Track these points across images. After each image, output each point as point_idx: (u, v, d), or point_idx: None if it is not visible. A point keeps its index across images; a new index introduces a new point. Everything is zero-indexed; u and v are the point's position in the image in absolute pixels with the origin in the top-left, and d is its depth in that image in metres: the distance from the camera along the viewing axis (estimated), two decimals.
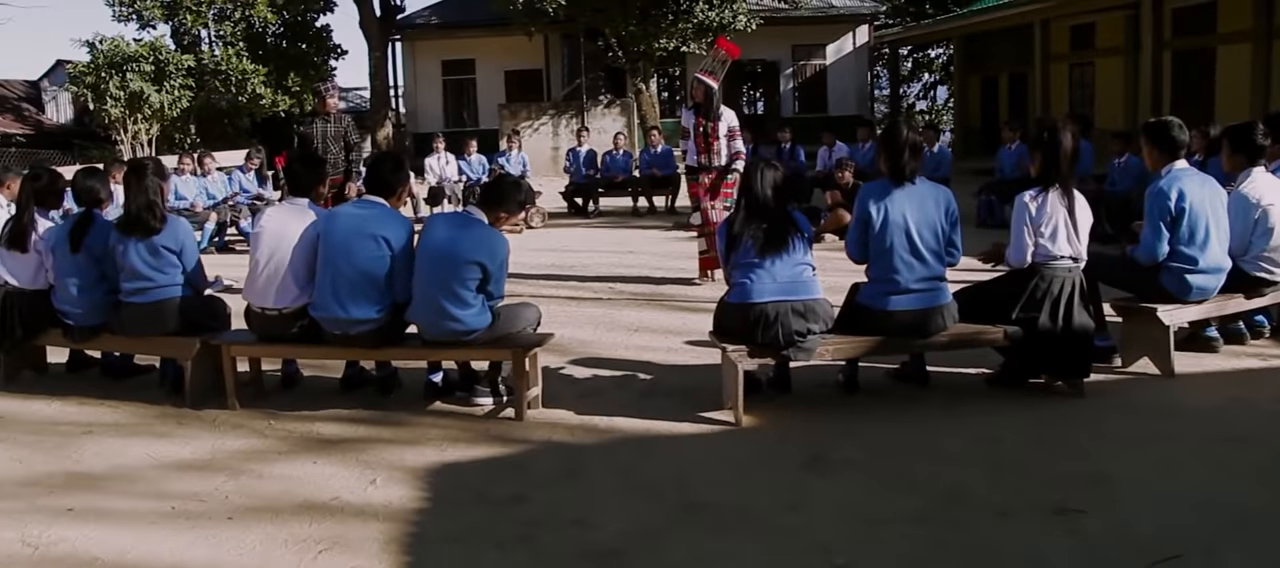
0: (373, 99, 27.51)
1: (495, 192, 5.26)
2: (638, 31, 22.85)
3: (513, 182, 5.37)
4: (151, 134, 22.40)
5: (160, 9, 23.16)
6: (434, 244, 5.04)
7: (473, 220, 5.12)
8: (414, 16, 29.04)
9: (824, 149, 14.97)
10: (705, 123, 8.72)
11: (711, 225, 8.71)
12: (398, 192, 5.39)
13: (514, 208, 5.27)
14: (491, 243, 5.04)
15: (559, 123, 25.36)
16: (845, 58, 29.31)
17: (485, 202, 5.22)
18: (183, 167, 13.26)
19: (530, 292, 8.92)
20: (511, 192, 5.26)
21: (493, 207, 5.18)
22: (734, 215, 5.15)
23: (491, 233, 5.09)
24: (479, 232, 5.06)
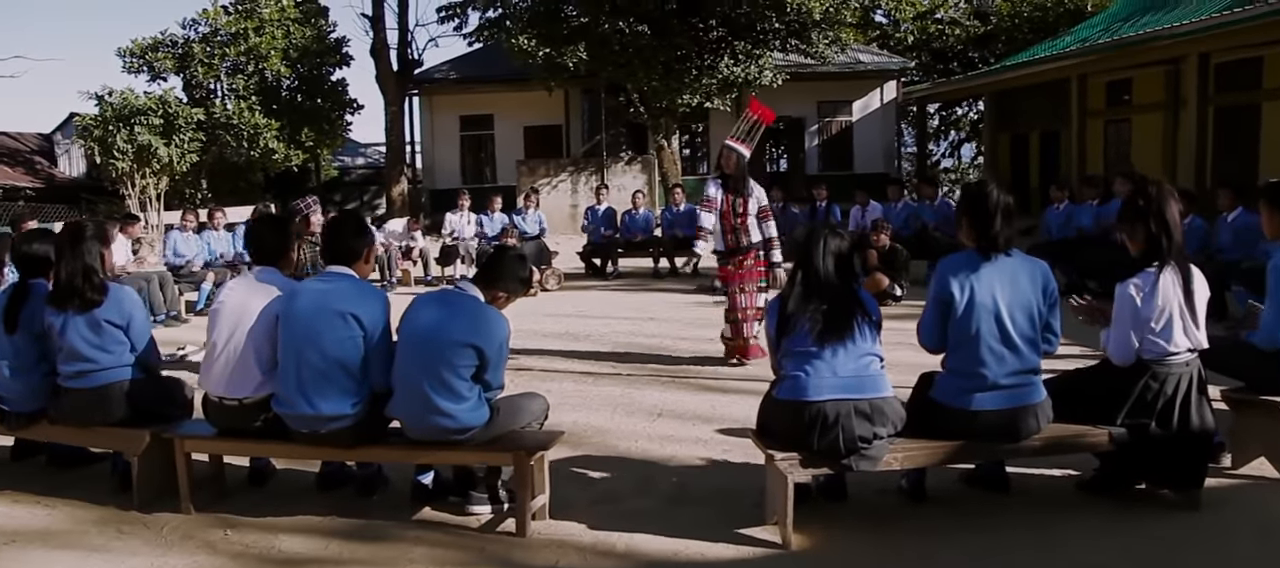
0: (388, 155, 26.91)
1: (495, 267, 4.44)
2: (660, 87, 22.13)
3: (516, 256, 4.54)
4: (160, 188, 21.76)
5: (172, 61, 22.65)
6: (419, 326, 4.21)
7: (465, 298, 4.30)
8: (432, 71, 28.47)
9: (856, 208, 14.13)
10: (733, 198, 7.86)
11: (739, 311, 7.90)
12: (363, 257, 4.54)
13: (515, 287, 4.45)
14: (488, 324, 4.21)
15: (578, 179, 24.64)
16: (871, 114, 28.55)
17: (483, 277, 4.40)
18: (185, 223, 12.55)
19: (541, 366, 8.08)
20: (513, 268, 4.43)
21: (491, 284, 4.37)
22: (787, 290, 4.29)
23: (488, 312, 4.27)
24: (473, 310, 4.24)
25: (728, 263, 7.97)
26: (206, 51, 22.78)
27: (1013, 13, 31.73)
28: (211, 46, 22.85)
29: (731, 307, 7.95)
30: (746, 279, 7.89)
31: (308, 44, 23.77)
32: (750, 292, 7.84)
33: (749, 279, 7.88)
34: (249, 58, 22.91)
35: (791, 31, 22.48)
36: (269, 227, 4.76)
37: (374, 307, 4.29)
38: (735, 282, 7.92)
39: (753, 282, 7.88)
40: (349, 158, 36.90)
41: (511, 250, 4.58)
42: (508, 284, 4.38)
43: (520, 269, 4.44)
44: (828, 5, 21.60)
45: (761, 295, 7.84)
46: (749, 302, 7.86)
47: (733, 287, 7.92)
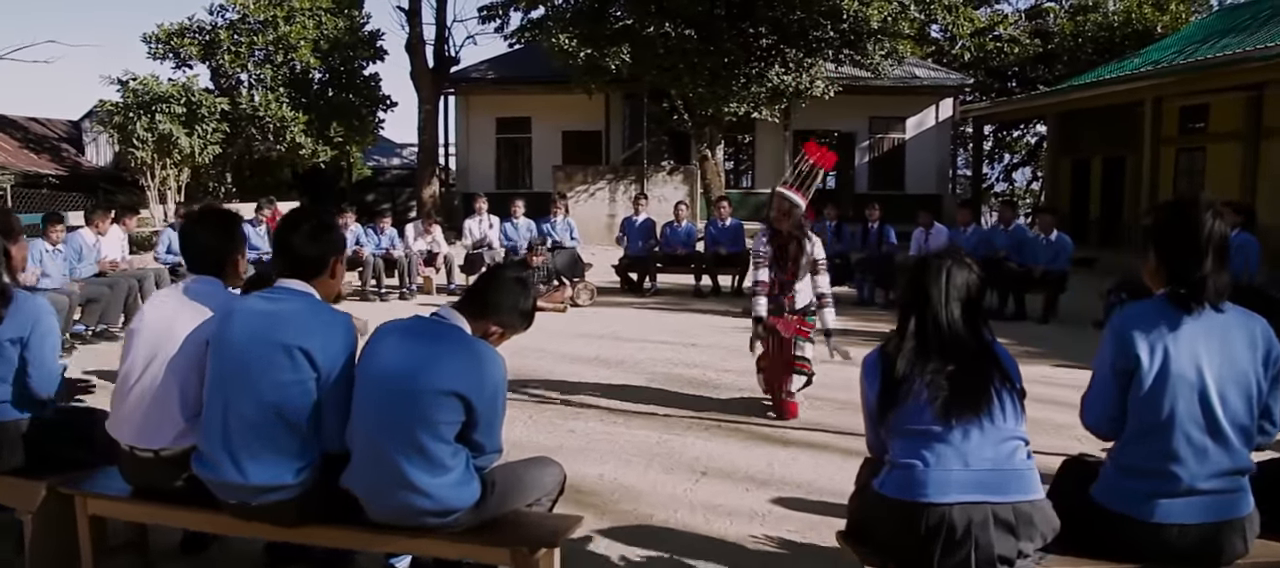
0: (421, 155, 25.94)
1: (487, 291, 3.30)
2: (706, 94, 21.02)
3: (515, 279, 3.37)
4: (181, 180, 20.88)
5: (197, 48, 21.77)
6: (384, 368, 3.06)
7: (447, 328, 3.16)
8: (469, 70, 27.52)
9: (918, 232, 12.90)
10: (782, 253, 6.60)
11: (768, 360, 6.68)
12: (328, 270, 3.37)
13: (514, 320, 3.32)
14: (479, 364, 3.06)
15: (616, 188, 23.56)
16: (926, 132, 27.28)
17: (472, 304, 3.26)
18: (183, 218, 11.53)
19: (564, 397, 6.93)
20: (512, 294, 3.30)
21: (482, 312, 3.24)
22: (894, 343, 3.09)
23: (478, 348, 3.12)
24: (458, 346, 3.10)
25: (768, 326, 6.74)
26: (234, 39, 21.88)
27: (1076, 32, 30.36)
28: (239, 34, 21.95)
29: (763, 354, 6.72)
30: (787, 329, 6.64)
31: (340, 36, 22.84)
32: (788, 341, 6.58)
33: (789, 330, 6.63)
34: (278, 47, 21.99)
35: (846, 41, 21.33)
36: (209, 224, 3.62)
37: (333, 339, 3.15)
38: (775, 328, 6.67)
39: (793, 333, 6.62)
40: (383, 157, 36.09)
41: (510, 269, 3.42)
42: (504, 315, 3.26)
43: (521, 296, 3.30)
44: (886, 14, 20.39)
45: (800, 345, 6.61)
46: (784, 352, 6.59)
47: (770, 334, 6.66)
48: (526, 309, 3.31)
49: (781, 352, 6.57)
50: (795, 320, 6.65)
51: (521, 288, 3.30)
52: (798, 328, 6.64)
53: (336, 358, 3.11)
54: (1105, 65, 24.66)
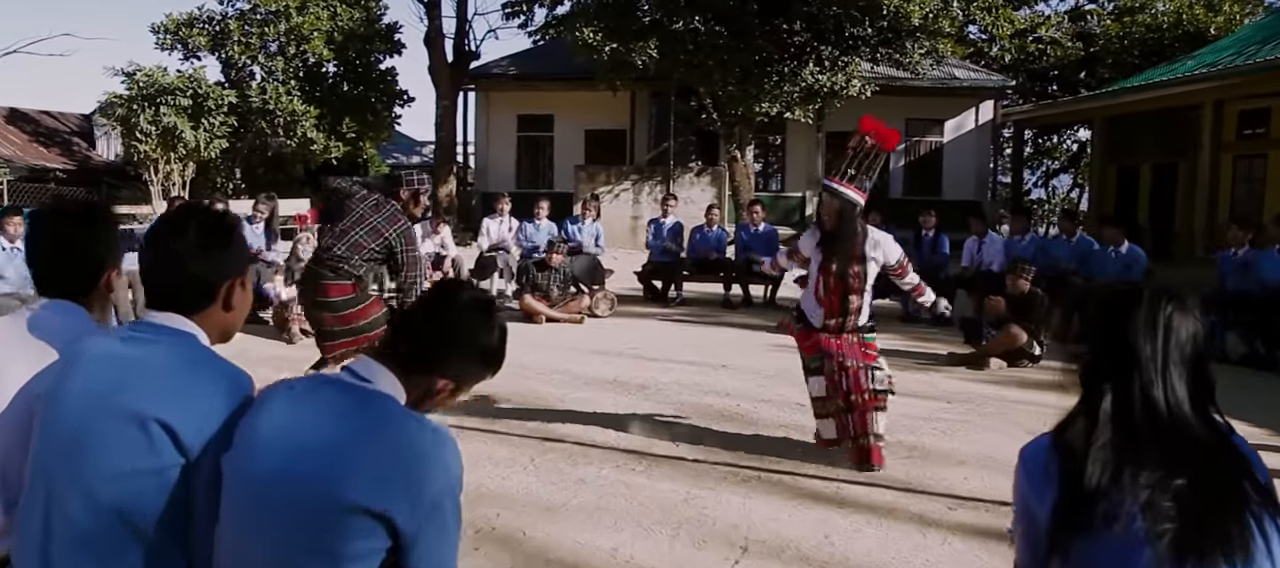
0: (438, 152, 24.98)
1: (427, 330, 2.15)
2: (736, 92, 19.95)
3: (471, 303, 2.20)
4: (186, 175, 20.02)
5: (206, 39, 20.87)
6: (260, 466, 1.94)
7: (365, 398, 2.03)
8: (490, 65, 26.56)
9: (970, 241, 11.81)
10: (835, 260, 5.50)
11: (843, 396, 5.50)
12: (219, 299, 2.21)
13: (472, 368, 2.22)
14: (413, 462, 1.91)
15: (641, 190, 22.54)
16: (965, 136, 26.10)
17: (405, 351, 2.11)
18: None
19: (577, 437, 5.89)
20: (466, 330, 2.16)
21: (420, 364, 2.11)
22: (1080, 433, 1.94)
23: (412, 434, 1.97)
24: (379, 430, 1.96)
25: (818, 330, 5.60)
26: (244, 30, 20.98)
27: (1122, 34, 29.09)
28: (250, 25, 21.06)
29: (827, 396, 5.54)
30: (851, 355, 5.52)
31: (355, 27, 21.93)
32: (856, 370, 5.45)
33: (853, 355, 5.51)
34: (290, 39, 21.08)
35: (883, 39, 20.23)
36: (67, 222, 2.55)
37: (211, 408, 2.05)
38: (834, 354, 5.53)
39: (859, 360, 5.50)
40: (403, 155, 35.23)
41: (465, 289, 2.28)
42: (456, 362, 2.16)
43: (481, 329, 2.18)
44: (928, 10, 19.29)
45: (877, 377, 5.49)
46: (857, 386, 5.44)
47: (830, 362, 5.53)
48: (490, 347, 2.20)
49: (853, 385, 5.45)
50: (857, 342, 5.58)
51: (481, 316, 2.19)
52: (862, 352, 5.56)
53: (202, 430, 2.05)
54: (1155, 68, 23.48)
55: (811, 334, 5.65)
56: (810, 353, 5.67)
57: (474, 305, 2.20)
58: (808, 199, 26.07)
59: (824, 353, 5.54)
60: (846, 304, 5.52)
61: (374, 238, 6.33)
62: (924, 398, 7.31)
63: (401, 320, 2.17)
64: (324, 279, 6.37)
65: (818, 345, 5.59)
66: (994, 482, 5.19)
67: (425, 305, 2.19)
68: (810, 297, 5.71)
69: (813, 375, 5.64)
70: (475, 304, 2.20)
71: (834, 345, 5.54)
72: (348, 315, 6.43)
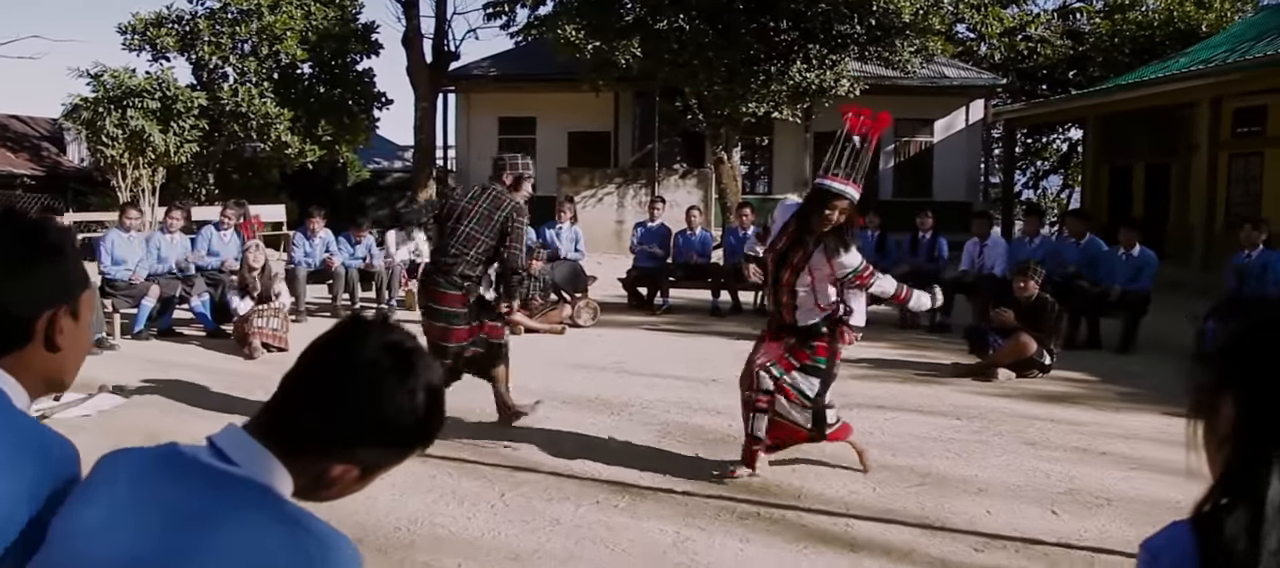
0: (417, 156, 24.35)
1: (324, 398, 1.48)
2: (722, 92, 19.42)
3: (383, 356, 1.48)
4: (155, 180, 19.34)
5: (175, 40, 20.17)
6: None
7: (228, 493, 1.39)
8: (470, 67, 25.96)
9: (972, 243, 11.27)
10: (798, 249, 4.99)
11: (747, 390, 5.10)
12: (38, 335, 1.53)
13: (386, 450, 1.52)
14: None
15: (626, 192, 21.99)
16: (955, 135, 25.61)
17: (289, 425, 1.46)
18: (128, 222, 9.98)
19: (552, 466, 5.31)
20: (384, 400, 1.47)
21: (313, 444, 1.45)
22: (1237, 527, 1.24)
23: (280, 539, 1.36)
24: (238, 540, 1.34)
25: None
26: (215, 29, 20.30)
27: (1112, 32, 28.67)
28: (220, 25, 20.37)
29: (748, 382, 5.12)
30: (775, 358, 5.05)
31: (330, 27, 21.26)
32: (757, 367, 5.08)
33: (778, 362, 5.04)
34: (262, 39, 20.41)
35: (873, 37, 19.72)
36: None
37: (12, 483, 1.44)
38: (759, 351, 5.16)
39: (781, 366, 5.03)
40: (385, 159, 34.54)
41: (375, 332, 1.60)
42: (359, 443, 1.48)
43: (399, 395, 1.47)
44: (918, 6, 18.79)
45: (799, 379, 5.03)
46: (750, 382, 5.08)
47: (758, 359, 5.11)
48: (409, 419, 1.50)
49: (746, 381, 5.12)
50: (783, 348, 5.07)
51: (398, 374, 1.49)
52: (784, 359, 5.04)
53: (13, 521, 1.47)
54: (1147, 66, 23.06)
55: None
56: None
57: (387, 358, 1.48)
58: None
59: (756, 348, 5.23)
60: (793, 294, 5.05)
61: (484, 226, 6.06)
62: (931, 414, 6.76)
63: (288, 382, 1.52)
64: (438, 286, 6.06)
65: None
66: (1020, 515, 4.65)
67: (318, 356, 1.51)
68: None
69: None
70: (389, 356, 1.49)
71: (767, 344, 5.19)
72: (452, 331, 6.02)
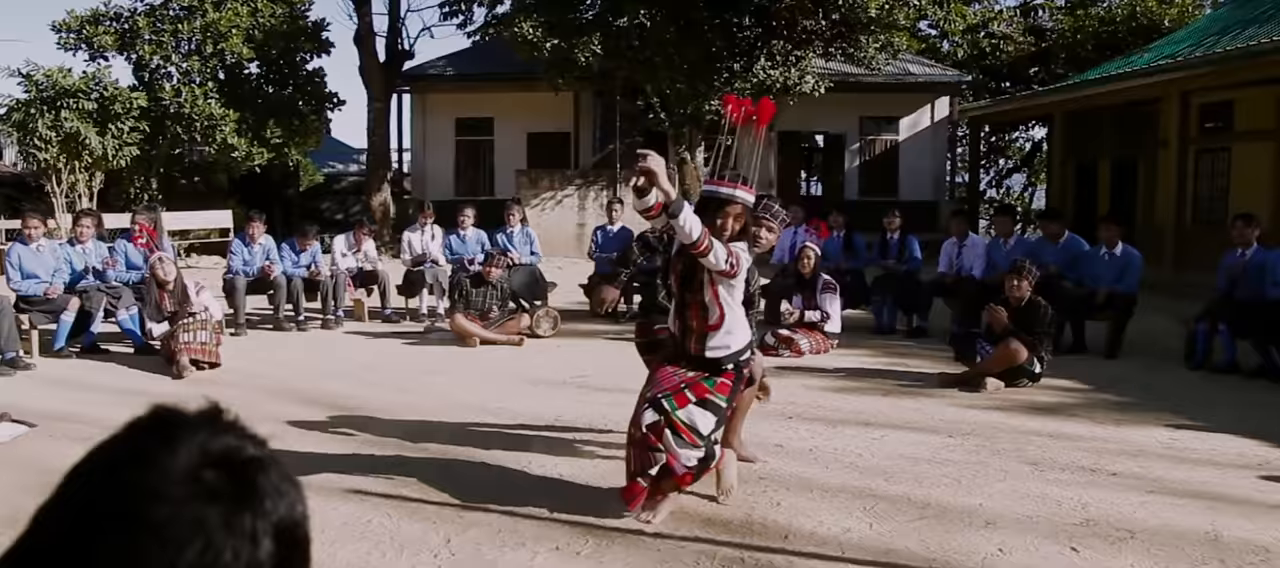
0: (370, 158, 23.58)
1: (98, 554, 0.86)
2: (685, 90, 18.88)
3: (207, 478, 0.84)
4: (93, 185, 18.47)
5: (113, 38, 19.30)
6: None
7: None
8: (426, 66, 25.22)
9: (950, 243, 10.78)
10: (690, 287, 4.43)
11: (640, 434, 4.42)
12: None
13: None
14: None
15: (586, 195, 21.39)
16: (921, 133, 25.19)
17: None
18: (29, 233, 9.25)
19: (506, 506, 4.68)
20: (193, 552, 0.83)
21: None
22: None
23: None
24: None
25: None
26: (155, 27, 19.46)
27: (1075, 28, 28.47)
28: (161, 22, 19.53)
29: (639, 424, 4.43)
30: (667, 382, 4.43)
31: (278, 25, 20.47)
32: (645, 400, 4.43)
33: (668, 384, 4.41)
34: (206, 37, 19.59)
35: (837, 33, 19.28)
36: None
37: None
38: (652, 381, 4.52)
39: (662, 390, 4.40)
40: (340, 162, 33.72)
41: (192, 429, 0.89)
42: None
43: (229, 542, 0.84)
44: (883, 1, 18.37)
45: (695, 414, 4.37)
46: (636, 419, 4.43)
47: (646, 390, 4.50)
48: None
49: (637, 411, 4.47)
50: (685, 376, 4.44)
51: (229, 510, 0.85)
52: (679, 389, 4.40)
53: None
54: (1111, 62, 22.82)
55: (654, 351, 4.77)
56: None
57: (210, 483, 0.88)
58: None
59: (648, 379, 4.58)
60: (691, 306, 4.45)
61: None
62: (922, 431, 6.22)
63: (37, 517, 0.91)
64: (656, 321, 5.38)
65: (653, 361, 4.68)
66: (1037, 554, 4.10)
67: (90, 483, 0.89)
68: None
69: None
70: (214, 478, 0.88)
71: (658, 372, 4.54)
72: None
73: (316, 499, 4.69)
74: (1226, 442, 6.01)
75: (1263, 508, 4.75)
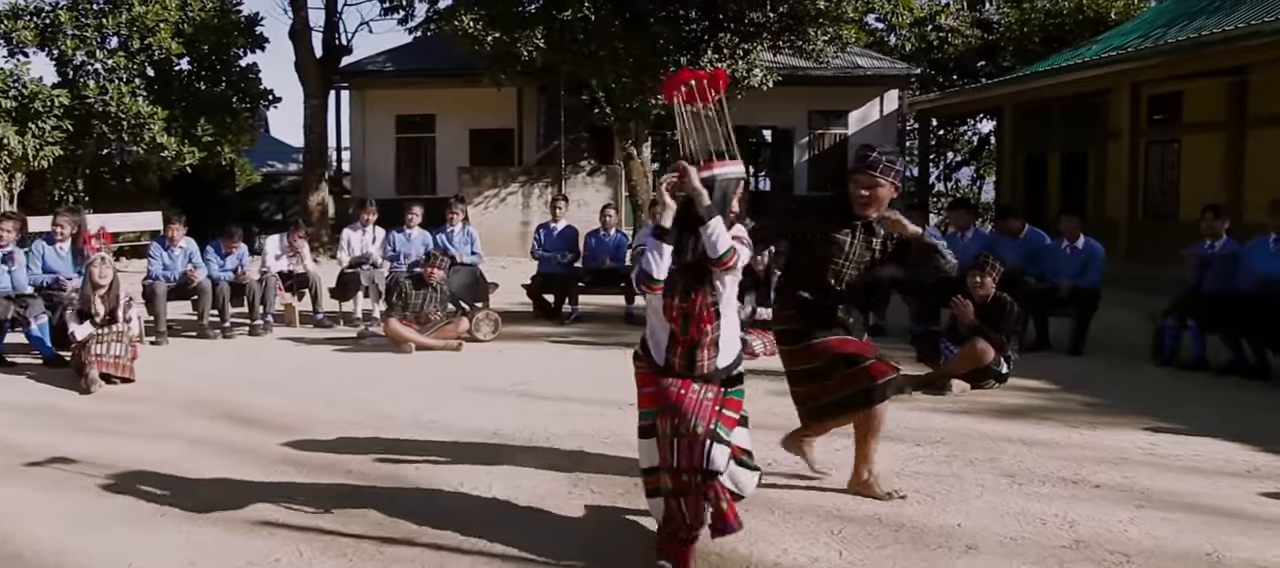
0: (307, 157, 22.84)
1: None
2: (631, 85, 18.41)
3: None
4: (14, 187, 17.62)
5: (33, 33, 18.40)
6: None
7: None
8: (365, 62, 24.53)
9: None
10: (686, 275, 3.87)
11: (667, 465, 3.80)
12: None
13: None
14: None
15: (531, 192, 20.89)
16: (870, 127, 24.93)
17: None
18: None
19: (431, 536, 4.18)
20: None
21: None
22: None
23: None
24: None
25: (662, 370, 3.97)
26: (78, 21, 18.60)
27: (1021, 21, 28.42)
28: (84, 16, 18.68)
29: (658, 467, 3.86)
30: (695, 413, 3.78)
31: (208, 19, 19.69)
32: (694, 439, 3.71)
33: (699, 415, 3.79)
34: (133, 31, 18.76)
35: (785, 26, 18.94)
36: None
37: None
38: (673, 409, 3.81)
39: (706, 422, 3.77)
40: (279, 162, 32.86)
41: None
42: None
43: None
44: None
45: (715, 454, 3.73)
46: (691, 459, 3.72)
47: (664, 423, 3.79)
48: None
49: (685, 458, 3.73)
50: (712, 396, 3.91)
51: None
52: (714, 411, 3.84)
53: None
54: (1059, 54, 22.73)
55: (654, 376, 4.01)
56: (646, 404, 4.01)
57: None
58: None
59: (661, 408, 3.86)
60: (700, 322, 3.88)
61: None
62: (888, 439, 5.75)
63: None
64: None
65: (657, 396, 3.93)
66: None
67: None
68: (651, 329, 4.08)
69: (643, 438, 4.00)
70: None
71: (675, 396, 3.87)
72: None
73: (218, 533, 4.17)
74: (1209, 446, 5.66)
75: (1260, 523, 4.38)
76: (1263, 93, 16.65)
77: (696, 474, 3.68)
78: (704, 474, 3.67)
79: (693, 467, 3.68)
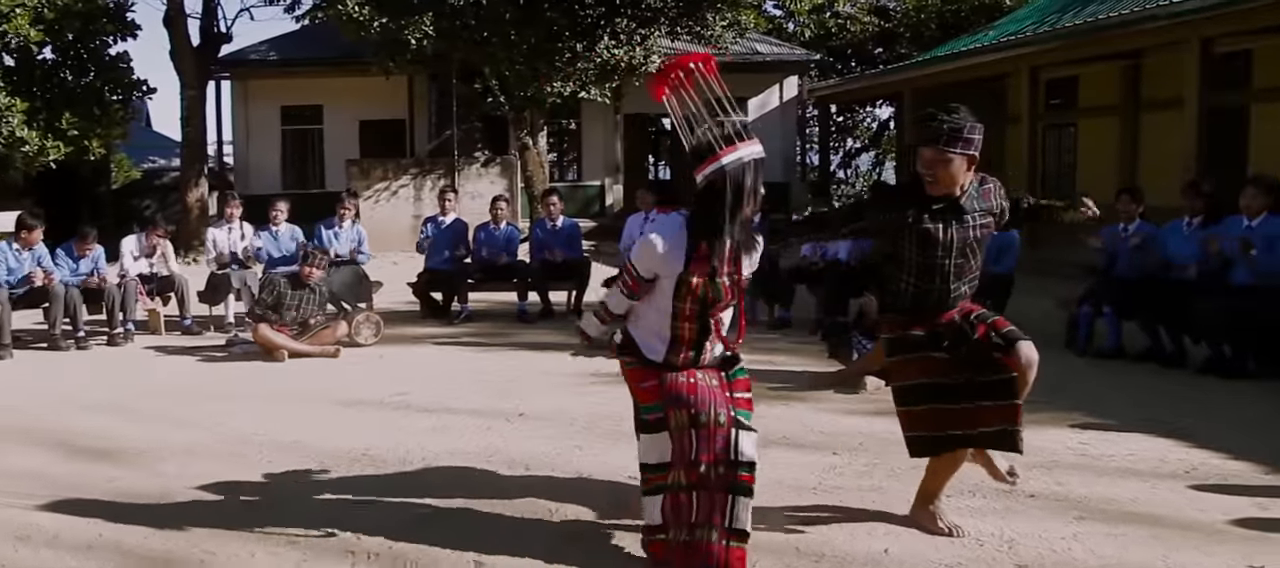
0: (185, 151, 21.67)
1: None
2: (525, 72, 17.76)
3: None
4: None
5: None
6: None
7: None
8: (246, 51, 23.43)
9: None
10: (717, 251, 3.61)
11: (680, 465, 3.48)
12: None
13: None
14: None
15: (423, 184, 20.10)
16: (770, 114, 24.64)
17: None
18: None
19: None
20: None
21: None
22: None
23: None
24: None
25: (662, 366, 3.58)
26: None
27: (919, 7, 28.46)
28: None
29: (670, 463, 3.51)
30: (712, 402, 3.45)
31: (72, 4, 18.43)
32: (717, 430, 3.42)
33: (717, 404, 3.45)
34: None
35: (683, 10, 18.49)
36: None
37: None
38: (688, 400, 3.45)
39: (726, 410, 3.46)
40: (162, 157, 31.35)
41: None
42: None
43: None
44: None
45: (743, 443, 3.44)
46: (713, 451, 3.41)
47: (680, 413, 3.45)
48: None
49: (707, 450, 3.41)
50: (720, 380, 3.61)
51: None
52: (730, 397, 3.56)
53: None
54: (957, 39, 22.72)
55: (650, 372, 3.59)
56: (649, 399, 3.59)
57: None
58: (607, 187, 24.17)
59: (673, 399, 3.46)
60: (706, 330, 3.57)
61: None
62: (799, 447, 5.30)
63: None
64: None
65: (661, 390, 3.53)
66: None
67: None
68: (648, 327, 3.61)
69: (649, 432, 3.57)
70: None
71: (686, 388, 3.47)
72: None
73: None
74: (1141, 443, 5.29)
75: (1208, 533, 3.98)
76: (1156, 77, 16.78)
77: (719, 466, 3.43)
78: (729, 465, 3.43)
79: (716, 459, 3.43)
